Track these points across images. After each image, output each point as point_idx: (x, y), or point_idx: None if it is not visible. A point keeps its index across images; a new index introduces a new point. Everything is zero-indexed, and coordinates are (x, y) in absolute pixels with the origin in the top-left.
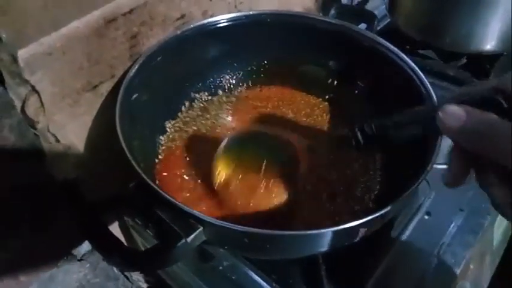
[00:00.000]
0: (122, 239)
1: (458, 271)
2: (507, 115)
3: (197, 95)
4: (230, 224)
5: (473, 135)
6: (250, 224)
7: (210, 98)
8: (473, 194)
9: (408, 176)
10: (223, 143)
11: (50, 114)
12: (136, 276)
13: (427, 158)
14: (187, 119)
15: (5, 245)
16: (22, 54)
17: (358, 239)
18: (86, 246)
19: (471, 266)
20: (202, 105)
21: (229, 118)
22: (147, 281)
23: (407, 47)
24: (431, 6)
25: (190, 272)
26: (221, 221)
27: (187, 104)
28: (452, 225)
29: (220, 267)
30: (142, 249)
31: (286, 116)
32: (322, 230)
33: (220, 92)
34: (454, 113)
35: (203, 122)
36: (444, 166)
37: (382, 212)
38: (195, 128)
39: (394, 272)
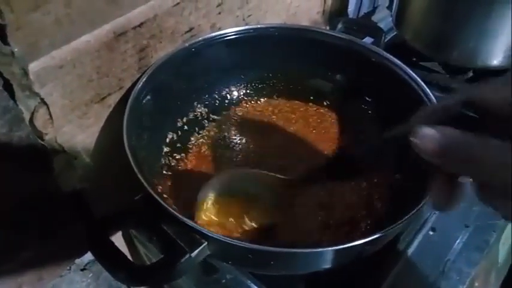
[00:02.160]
0: (125, 249)
1: None
2: (479, 128)
3: (204, 107)
4: (234, 240)
5: (450, 155)
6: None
7: (216, 110)
8: (479, 210)
9: (414, 193)
10: (202, 191)
11: (59, 126)
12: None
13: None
14: (193, 130)
15: (10, 256)
16: (33, 67)
17: (362, 257)
18: (88, 255)
19: (476, 284)
20: (208, 116)
21: (236, 130)
22: None
23: (414, 59)
24: (438, 20)
25: (193, 284)
26: (225, 237)
27: (193, 115)
28: (457, 242)
29: (224, 281)
30: (146, 259)
31: (293, 129)
32: (327, 248)
33: (227, 104)
34: (427, 135)
35: (209, 134)
36: None
37: (388, 230)
38: (201, 140)
39: None
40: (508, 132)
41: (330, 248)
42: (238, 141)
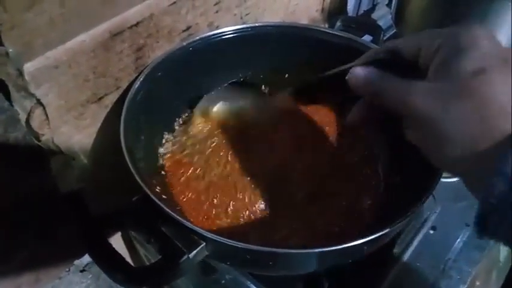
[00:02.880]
0: (125, 249)
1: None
2: (399, 72)
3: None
4: (232, 241)
5: (372, 89)
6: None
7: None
8: None
9: (414, 191)
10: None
11: (55, 126)
12: None
13: (434, 173)
14: (192, 130)
15: (8, 257)
16: (28, 67)
17: (361, 256)
18: (88, 257)
19: (477, 283)
20: (206, 115)
21: (233, 128)
22: None
23: None
24: (438, 18)
25: (192, 285)
26: (223, 238)
27: (191, 114)
28: (458, 241)
29: (223, 281)
30: (145, 259)
31: (292, 127)
32: (326, 248)
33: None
34: (358, 73)
35: (206, 133)
36: (451, 180)
37: (387, 230)
38: (198, 138)
39: None
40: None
41: (328, 248)
42: (236, 140)
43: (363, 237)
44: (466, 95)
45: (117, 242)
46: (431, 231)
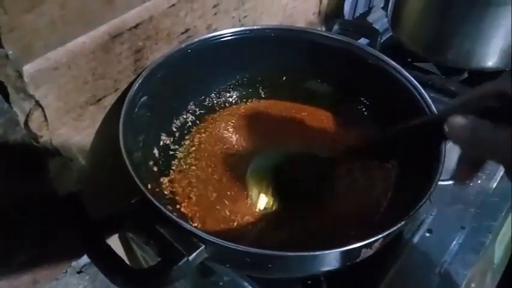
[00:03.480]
0: (122, 250)
1: None
2: (507, 120)
3: (199, 109)
4: (231, 244)
5: (476, 143)
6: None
7: (212, 111)
8: (474, 212)
9: (411, 195)
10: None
11: (54, 128)
12: None
13: (431, 177)
14: (189, 131)
15: (6, 259)
16: (28, 69)
17: (359, 259)
18: (85, 258)
19: (472, 285)
20: (204, 118)
21: (232, 132)
22: None
23: (409, 60)
24: (434, 22)
25: (190, 286)
26: (223, 240)
27: (189, 116)
28: (453, 243)
29: (221, 283)
30: (142, 261)
31: (289, 130)
32: (324, 252)
33: (222, 105)
34: (459, 124)
35: (205, 135)
36: (447, 182)
37: (385, 233)
38: (196, 141)
39: None
40: None
41: (326, 252)
42: (235, 142)
43: (359, 241)
44: None
45: (114, 244)
46: (427, 234)
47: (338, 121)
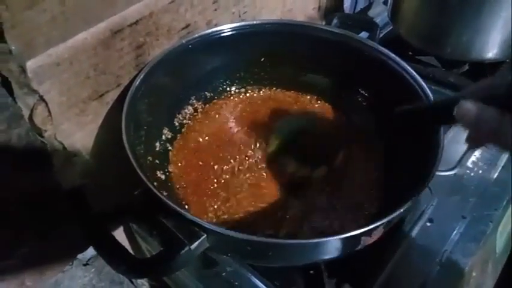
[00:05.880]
0: (127, 243)
1: (460, 279)
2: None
3: (200, 102)
4: (233, 232)
5: (481, 126)
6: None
7: (213, 104)
8: (475, 201)
9: (411, 183)
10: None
11: (58, 123)
12: (141, 281)
13: (430, 166)
14: (191, 125)
15: (12, 252)
16: (30, 65)
17: (360, 247)
18: (91, 251)
19: (474, 274)
20: (205, 112)
21: (233, 125)
22: (151, 285)
23: (410, 53)
24: (433, 15)
25: (193, 277)
26: (224, 229)
27: (190, 110)
28: (454, 233)
29: (224, 273)
30: (147, 253)
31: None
32: (324, 239)
33: (223, 98)
34: (468, 108)
35: (206, 128)
36: (447, 173)
37: (384, 220)
38: (197, 134)
39: (396, 280)
40: None
41: (326, 239)
42: (235, 136)
43: (358, 229)
44: None
45: (119, 236)
46: (428, 224)
47: (338, 113)
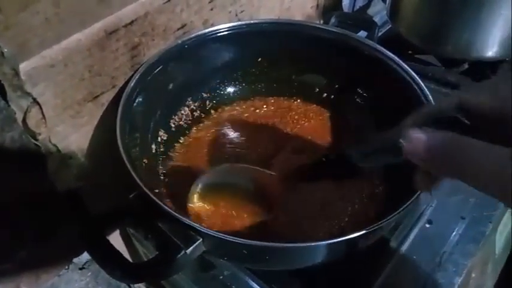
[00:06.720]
0: (123, 247)
1: (460, 280)
2: (469, 132)
3: (197, 104)
4: (229, 236)
5: (436, 157)
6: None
7: (209, 106)
8: (474, 202)
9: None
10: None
11: (52, 125)
12: (138, 284)
13: None
14: (186, 127)
15: (8, 256)
16: (24, 67)
17: (358, 249)
18: (87, 254)
19: (473, 275)
20: (201, 113)
21: (229, 127)
22: None
23: (409, 52)
24: (433, 14)
25: (190, 281)
26: (220, 233)
27: (186, 112)
28: (453, 234)
29: (221, 277)
30: (144, 257)
31: (287, 124)
32: (321, 242)
33: (219, 100)
34: (416, 138)
35: (202, 130)
36: None
37: (382, 223)
38: (193, 136)
39: (395, 281)
40: (503, 139)
41: (323, 242)
42: (231, 138)
43: (355, 232)
44: None
45: (116, 240)
46: (427, 225)
47: (336, 114)
